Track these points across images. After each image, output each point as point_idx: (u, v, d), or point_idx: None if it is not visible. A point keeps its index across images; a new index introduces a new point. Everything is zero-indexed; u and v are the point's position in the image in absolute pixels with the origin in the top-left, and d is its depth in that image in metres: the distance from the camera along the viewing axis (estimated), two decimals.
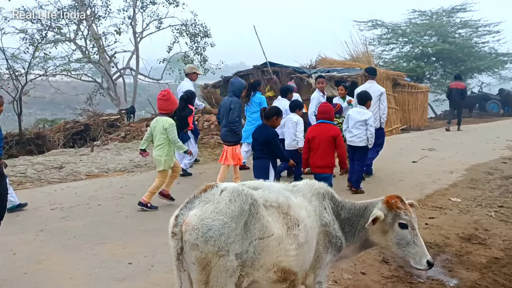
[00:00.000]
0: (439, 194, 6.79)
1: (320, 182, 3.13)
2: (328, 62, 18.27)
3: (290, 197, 2.78)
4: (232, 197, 2.45)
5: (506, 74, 43.06)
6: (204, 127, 12.14)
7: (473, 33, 28.18)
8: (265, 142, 5.35)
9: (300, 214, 2.72)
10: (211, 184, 2.57)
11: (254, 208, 2.48)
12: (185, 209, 2.47)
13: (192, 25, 22.63)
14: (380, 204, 2.91)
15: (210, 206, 2.41)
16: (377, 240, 2.97)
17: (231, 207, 2.41)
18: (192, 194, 2.54)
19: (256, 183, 2.80)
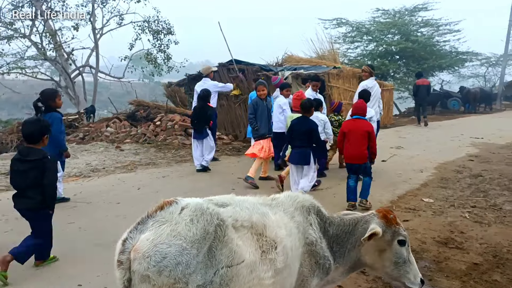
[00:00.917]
0: (411, 194, 6.61)
1: (304, 194, 2.78)
2: (295, 60, 18.08)
3: (267, 213, 2.41)
4: (194, 216, 2.06)
5: (465, 72, 44.55)
6: (167, 127, 11.61)
7: (434, 32, 28.79)
8: (307, 132, 5.80)
9: (278, 234, 2.35)
10: (169, 201, 2.16)
11: (220, 230, 2.10)
12: (135, 231, 2.05)
13: (155, 22, 21.93)
14: (377, 219, 2.61)
15: (166, 228, 2.00)
16: (371, 261, 2.65)
17: (192, 229, 2.02)
18: (145, 213, 2.10)
19: (226, 199, 2.40)
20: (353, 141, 5.73)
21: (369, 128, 5.76)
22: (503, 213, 5.65)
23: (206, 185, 7.02)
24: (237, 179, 7.43)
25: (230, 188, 6.76)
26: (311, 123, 5.95)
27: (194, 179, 7.39)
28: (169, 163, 8.84)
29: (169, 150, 10.12)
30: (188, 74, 16.10)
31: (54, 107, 5.58)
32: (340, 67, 16.50)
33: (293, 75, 13.32)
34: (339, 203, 5.90)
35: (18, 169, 3.74)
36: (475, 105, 27.08)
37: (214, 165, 8.64)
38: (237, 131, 14.44)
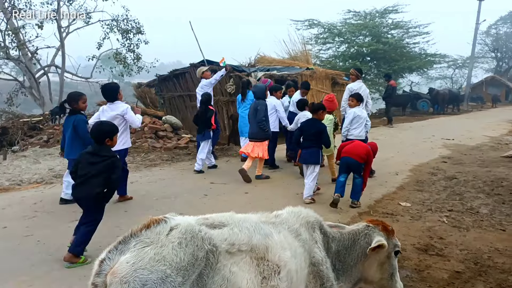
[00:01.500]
0: (388, 198, 6.49)
1: (307, 209, 2.61)
2: (267, 60, 17.94)
3: (271, 234, 2.20)
4: (183, 239, 1.83)
5: (433, 74, 45.60)
6: (136, 129, 11.18)
7: (404, 34, 29.26)
8: (317, 133, 6.18)
9: (282, 256, 2.13)
10: (157, 219, 1.92)
11: (213, 257, 1.89)
12: (114, 251, 1.80)
13: (124, 21, 21.31)
14: (378, 231, 2.59)
15: (150, 251, 1.76)
16: (372, 275, 2.58)
17: (179, 254, 1.79)
18: (129, 231, 1.87)
19: (224, 218, 2.17)
20: (357, 142, 6.23)
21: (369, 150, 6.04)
22: (480, 217, 5.58)
23: (177, 191, 6.70)
24: (210, 184, 7.14)
25: (202, 194, 6.48)
26: (320, 124, 6.31)
27: (164, 185, 7.05)
28: (138, 167, 8.45)
29: (138, 154, 9.70)
30: (158, 74, 15.70)
31: (79, 109, 5.81)
32: (313, 68, 16.45)
33: (266, 76, 13.13)
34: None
35: (87, 161, 4.05)
36: (443, 106, 27.61)
37: (185, 169, 8.33)
38: None
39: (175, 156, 9.70)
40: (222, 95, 13.35)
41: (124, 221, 5.21)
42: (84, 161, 4.07)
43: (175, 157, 9.56)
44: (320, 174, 6.60)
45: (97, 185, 4.00)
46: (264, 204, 6.02)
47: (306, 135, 6.28)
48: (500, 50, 50.99)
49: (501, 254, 4.37)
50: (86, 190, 4.01)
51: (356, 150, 5.92)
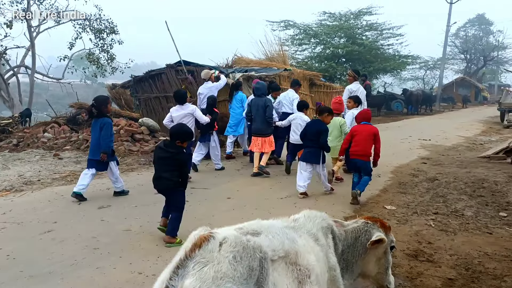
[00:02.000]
0: (373, 201, 6.42)
1: (321, 213, 2.66)
2: (245, 61, 17.76)
3: (295, 238, 2.21)
4: (236, 253, 1.81)
5: (405, 75, 46.43)
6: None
7: (379, 35, 29.63)
8: (317, 133, 6.42)
9: (309, 260, 2.17)
10: (205, 236, 1.84)
11: (264, 264, 1.89)
12: (176, 278, 1.70)
13: (97, 20, 20.75)
14: (377, 227, 2.73)
15: (209, 270, 1.71)
16: (370, 271, 2.72)
17: (238, 268, 1.77)
18: (183, 252, 1.78)
19: (256, 226, 2.17)
20: (360, 141, 6.27)
21: (375, 131, 6.35)
22: (466, 219, 5.56)
23: (157, 197, 6.40)
24: (191, 189, 6.89)
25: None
26: (322, 125, 6.57)
27: (143, 191, 6.76)
28: None
29: None
30: (133, 75, 15.29)
31: (105, 112, 6.29)
32: (291, 69, 16.38)
33: (244, 77, 12.95)
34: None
35: (159, 155, 4.69)
36: (417, 107, 28.07)
37: None
38: None
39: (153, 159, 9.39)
40: None
41: (102, 231, 4.93)
42: (156, 155, 4.76)
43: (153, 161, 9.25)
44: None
45: (171, 178, 4.60)
46: (248, 210, 5.85)
47: (308, 135, 6.58)
48: (469, 52, 52.41)
49: (491, 258, 4.32)
50: (164, 184, 4.68)
51: (360, 150, 6.23)
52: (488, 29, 54.64)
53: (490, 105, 40.90)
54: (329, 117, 6.67)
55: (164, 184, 4.67)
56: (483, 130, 17.88)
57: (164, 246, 4.51)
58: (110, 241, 4.60)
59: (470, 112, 30.53)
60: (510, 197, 6.46)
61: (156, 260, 4.14)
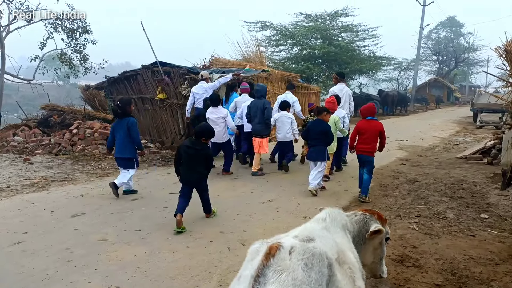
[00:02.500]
0: (355, 205, 6.33)
1: (335, 209, 2.72)
2: (222, 62, 17.60)
3: (335, 239, 2.33)
4: (307, 260, 1.90)
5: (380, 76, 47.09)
6: (86, 135, 10.45)
7: (354, 37, 29.85)
8: (322, 132, 6.85)
9: (351, 258, 2.29)
10: (276, 245, 1.92)
11: (331, 271, 1.99)
12: (257, 285, 1.79)
13: (69, 20, 20.15)
14: (374, 219, 2.85)
15: (287, 278, 1.79)
16: (366, 260, 2.82)
17: (311, 274, 1.86)
18: (259, 261, 1.86)
19: (306, 231, 2.23)
20: (367, 138, 6.59)
21: (381, 129, 6.64)
22: (448, 222, 5.54)
23: (134, 203, 6.20)
24: (169, 194, 6.68)
25: (162, 206, 6.02)
26: (325, 125, 6.97)
27: (119, 197, 6.50)
28: (88, 177, 7.80)
29: (88, 162, 9.01)
30: (108, 76, 14.89)
31: (129, 112, 6.64)
32: (268, 70, 16.28)
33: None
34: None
35: (186, 152, 5.31)
36: (393, 107, 28.46)
37: (141, 178, 7.82)
38: (163, 137, 13.61)
39: None
40: (176, 97, 12.85)
41: (75, 241, 4.67)
42: (184, 153, 5.33)
43: None
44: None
45: (202, 170, 5.38)
46: (229, 216, 5.69)
47: (313, 134, 6.92)
48: (441, 53, 53.59)
49: (476, 262, 4.28)
50: (196, 176, 5.37)
51: (366, 146, 6.61)
52: (459, 31, 56.04)
53: (462, 106, 41.92)
54: (327, 116, 7.08)
55: (196, 177, 5.37)
56: (457, 130, 18.21)
57: (143, 256, 4.29)
58: (84, 252, 4.35)
59: (443, 112, 31.16)
60: (490, 199, 6.49)
61: (134, 272, 3.92)
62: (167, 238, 4.78)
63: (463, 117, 25.70)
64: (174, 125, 13.34)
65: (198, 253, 4.38)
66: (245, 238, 4.84)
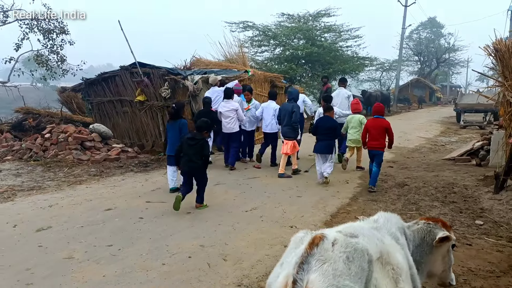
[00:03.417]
0: (344, 211, 6.01)
1: (393, 214, 2.73)
2: (204, 63, 17.18)
3: (383, 239, 2.31)
4: (348, 253, 1.96)
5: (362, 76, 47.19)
6: (59, 140, 9.90)
7: (337, 37, 29.69)
8: (331, 128, 7.51)
9: (398, 259, 2.25)
10: (320, 236, 1.98)
11: (371, 267, 2.02)
12: (302, 272, 1.87)
13: (46, 20, 19.44)
14: (439, 226, 2.75)
15: (328, 268, 1.87)
16: (436, 270, 2.77)
17: (351, 267, 1.92)
18: (304, 249, 1.94)
19: (351, 229, 2.24)
20: (375, 135, 7.22)
21: (387, 125, 7.26)
22: None
23: (107, 214, 5.74)
24: (146, 203, 6.24)
25: (137, 217, 5.58)
26: (333, 121, 7.66)
27: (91, 207, 6.04)
28: (59, 186, 7.29)
29: (60, 169, 8.47)
30: (85, 78, 14.31)
31: (182, 114, 7.40)
32: (251, 71, 15.94)
33: (203, 79, 12.35)
34: None
35: (188, 143, 5.98)
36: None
37: (116, 186, 7.36)
38: (143, 140, 13.14)
39: (105, 169, 8.62)
40: (156, 99, 12.39)
41: (38, 260, 4.21)
42: (185, 143, 6.04)
43: (105, 171, 8.48)
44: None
45: (197, 159, 5.95)
46: (210, 226, 5.28)
47: (321, 130, 7.53)
48: (422, 54, 54.04)
49: (476, 275, 3.97)
50: (193, 165, 5.96)
51: (375, 143, 7.22)
52: (439, 32, 56.62)
53: (444, 106, 42.29)
54: (332, 112, 7.79)
55: (193, 165, 5.96)
56: (442, 130, 18.13)
57: (113, 277, 3.86)
58: (47, 273, 3.89)
59: (426, 112, 31.25)
60: (483, 203, 6.23)
61: None
62: (141, 254, 4.35)
63: (446, 117, 25.77)
64: (155, 127, 12.87)
65: (174, 271, 3.97)
66: (227, 252, 4.44)
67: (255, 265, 4.12)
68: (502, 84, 7.08)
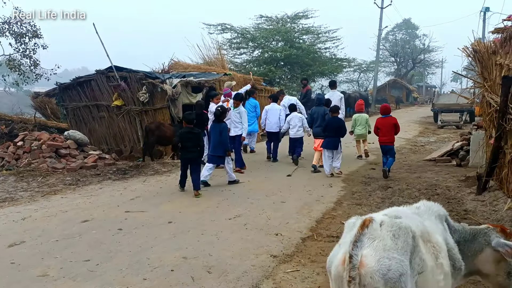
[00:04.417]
0: (329, 217, 5.90)
1: (436, 203, 2.90)
2: (182, 66, 16.96)
3: (423, 222, 2.60)
4: (394, 232, 2.28)
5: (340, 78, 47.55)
6: (32, 148, 9.53)
7: (316, 39, 29.80)
8: (338, 128, 8.52)
9: (438, 239, 2.56)
10: (369, 219, 2.32)
11: (415, 242, 2.33)
12: (356, 248, 2.18)
13: (17, 24, 18.85)
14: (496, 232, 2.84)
15: (379, 244, 2.21)
16: (486, 269, 2.85)
17: (398, 243, 2.24)
18: (356, 231, 2.24)
19: (395, 212, 2.60)
20: (385, 132, 8.45)
21: (395, 122, 8.50)
22: None
23: (83, 226, 5.48)
24: (125, 213, 6.01)
25: (116, 229, 5.35)
26: (340, 121, 8.69)
27: (66, 219, 5.76)
28: (33, 196, 6.96)
29: (34, 178, 8.11)
30: (59, 82, 13.90)
31: (223, 119, 8.12)
32: (230, 74, 15.79)
33: (182, 83, 12.15)
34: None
35: (186, 136, 7.03)
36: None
37: (93, 195, 7.09)
38: (121, 145, 12.83)
39: (81, 178, 8.31)
40: (134, 104, 12.11)
41: (9, 279, 3.95)
42: (184, 137, 7.04)
43: (81, 180, 8.18)
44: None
45: (195, 150, 7.05)
46: (193, 236, 5.10)
47: (330, 129, 8.51)
48: (398, 55, 54.83)
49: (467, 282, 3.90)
50: (192, 154, 7.05)
51: (386, 138, 8.46)
52: (414, 33, 57.57)
53: (421, 106, 42.97)
54: (338, 113, 8.80)
55: (192, 156, 7.04)
56: (420, 131, 18.33)
57: None
58: None
59: (404, 112, 31.61)
60: (466, 204, 6.23)
61: None
62: (120, 269, 4.13)
63: (423, 117, 26.12)
64: (133, 133, 12.60)
65: (156, 287, 3.78)
66: (211, 263, 4.27)
67: (241, 277, 3.96)
68: (482, 85, 7.13)
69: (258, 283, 3.85)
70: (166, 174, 8.86)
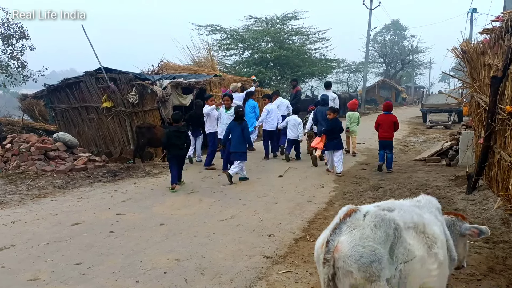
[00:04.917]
0: (321, 217, 5.91)
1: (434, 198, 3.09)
2: (172, 67, 16.90)
3: (422, 214, 2.74)
4: (376, 222, 2.43)
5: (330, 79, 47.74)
6: (21, 150, 9.41)
7: (305, 40, 29.90)
8: (339, 129, 8.96)
9: (435, 231, 2.68)
10: (353, 209, 2.51)
11: (398, 232, 2.46)
12: (334, 235, 2.41)
13: (5, 25, 18.65)
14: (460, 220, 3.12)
15: (357, 232, 2.39)
16: (460, 255, 3.05)
17: (377, 233, 2.39)
18: (338, 219, 2.49)
19: (390, 204, 2.76)
20: (386, 128, 9.02)
21: (395, 120, 9.11)
22: None
23: (74, 229, 5.42)
24: (116, 215, 5.96)
25: (107, 231, 5.30)
26: (340, 123, 9.07)
27: (56, 222, 5.70)
28: (22, 200, 6.87)
29: (23, 181, 8.00)
30: (47, 84, 13.74)
31: (243, 117, 8.51)
32: (221, 75, 15.77)
33: (173, 85, 12.10)
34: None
35: (175, 135, 7.60)
36: (345, 110, 28.65)
37: (83, 198, 7.02)
38: (111, 147, 12.75)
39: (71, 180, 8.22)
40: (124, 105, 12.03)
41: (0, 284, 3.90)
42: (173, 135, 7.58)
43: (71, 182, 8.09)
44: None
45: (184, 147, 7.74)
46: (185, 238, 5.08)
47: (332, 131, 8.86)
48: (387, 55, 55.23)
49: (457, 279, 3.92)
50: (181, 151, 7.70)
51: (386, 134, 9.04)
52: (402, 34, 58.04)
53: (409, 106, 43.32)
54: (336, 114, 9.12)
55: (182, 152, 7.71)
56: (409, 131, 18.47)
57: None
58: None
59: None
60: (457, 204, 6.28)
61: None
62: (112, 272, 4.09)
63: (412, 117, 26.33)
64: (123, 134, 12.53)
65: None
66: (204, 265, 4.25)
67: (235, 279, 3.95)
68: (471, 85, 7.20)
69: (252, 285, 3.85)
70: (157, 176, 8.81)
